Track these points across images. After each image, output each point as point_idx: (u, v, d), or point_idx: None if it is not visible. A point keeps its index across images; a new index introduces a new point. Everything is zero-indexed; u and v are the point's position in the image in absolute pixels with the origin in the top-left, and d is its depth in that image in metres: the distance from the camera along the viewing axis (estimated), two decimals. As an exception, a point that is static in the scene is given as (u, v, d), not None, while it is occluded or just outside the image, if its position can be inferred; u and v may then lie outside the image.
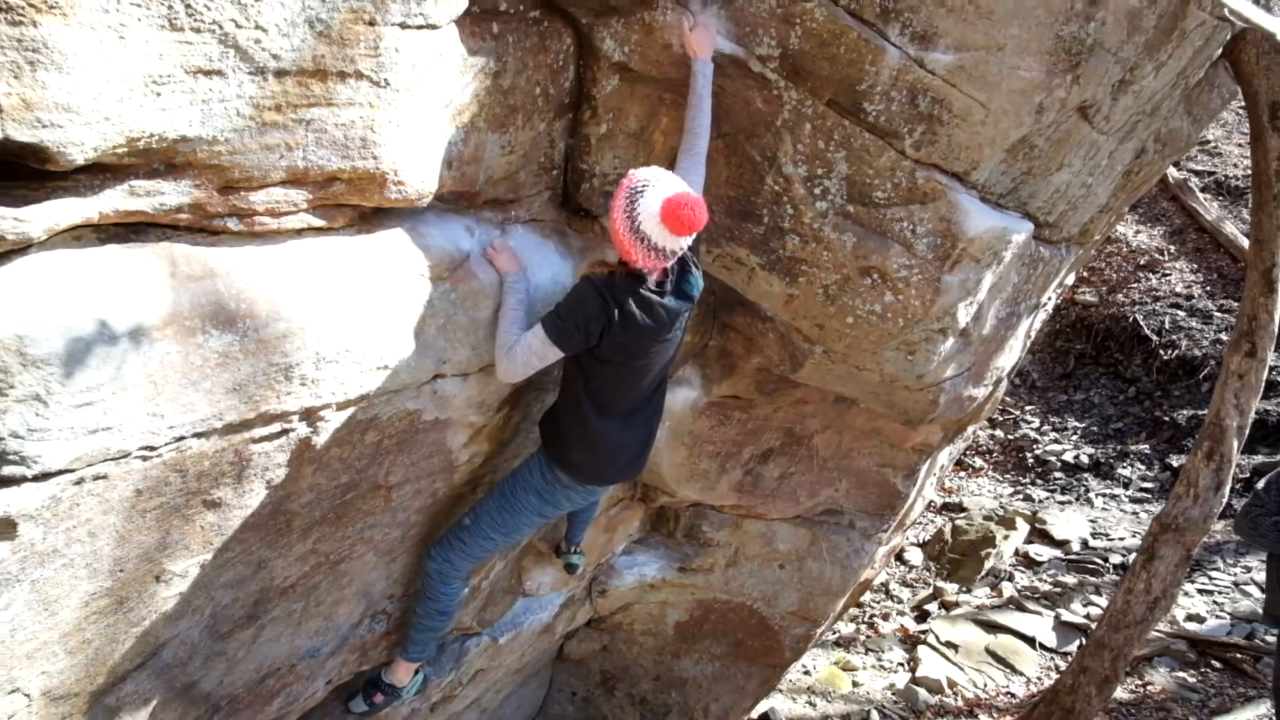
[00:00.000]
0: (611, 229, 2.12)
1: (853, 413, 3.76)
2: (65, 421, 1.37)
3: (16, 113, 1.22)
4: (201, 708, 2.07)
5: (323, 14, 1.54)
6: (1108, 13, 2.67)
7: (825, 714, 4.92)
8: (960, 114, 2.67)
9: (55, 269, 1.38)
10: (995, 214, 2.94)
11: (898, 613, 6.05)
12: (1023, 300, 3.56)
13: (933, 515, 7.08)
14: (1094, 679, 3.69)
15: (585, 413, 2.27)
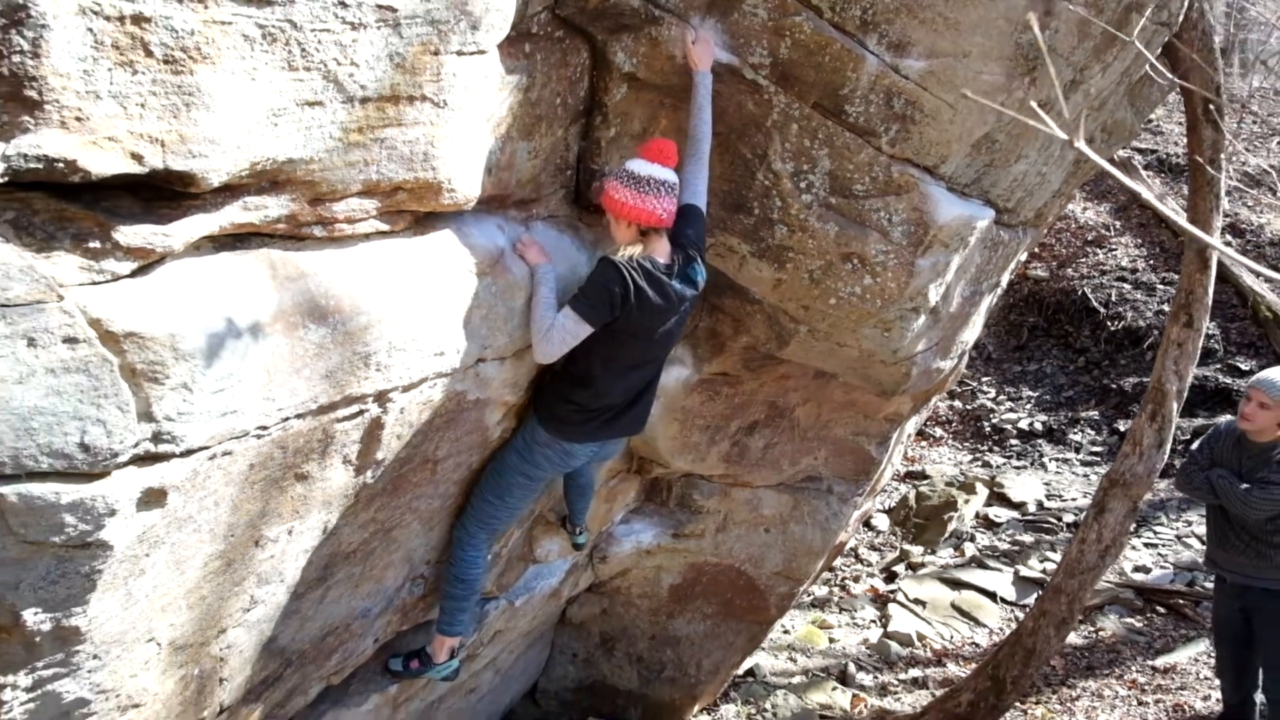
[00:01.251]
0: (615, 207, 2.49)
1: (831, 386, 4.15)
2: (205, 406, 1.65)
3: (174, 145, 1.49)
4: (278, 661, 2.36)
5: (400, 48, 1.83)
6: (1060, 22, 3.07)
7: (805, 668, 5.37)
8: (931, 114, 3.05)
9: (190, 275, 1.66)
10: (961, 203, 3.34)
11: (868, 575, 6.54)
12: (985, 279, 3.99)
13: (897, 483, 7.59)
14: (1052, 621, 4.18)
15: (581, 375, 2.58)
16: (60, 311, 1.43)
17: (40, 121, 1.30)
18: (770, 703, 4.88)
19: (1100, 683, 5.06)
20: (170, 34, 1.40)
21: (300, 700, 2.64)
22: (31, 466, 1.46)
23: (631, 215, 2.47)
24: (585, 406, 2.60)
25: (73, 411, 1.47)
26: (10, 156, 1.29)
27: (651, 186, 2.47)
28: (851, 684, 5.21)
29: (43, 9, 1.22)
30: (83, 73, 1.32)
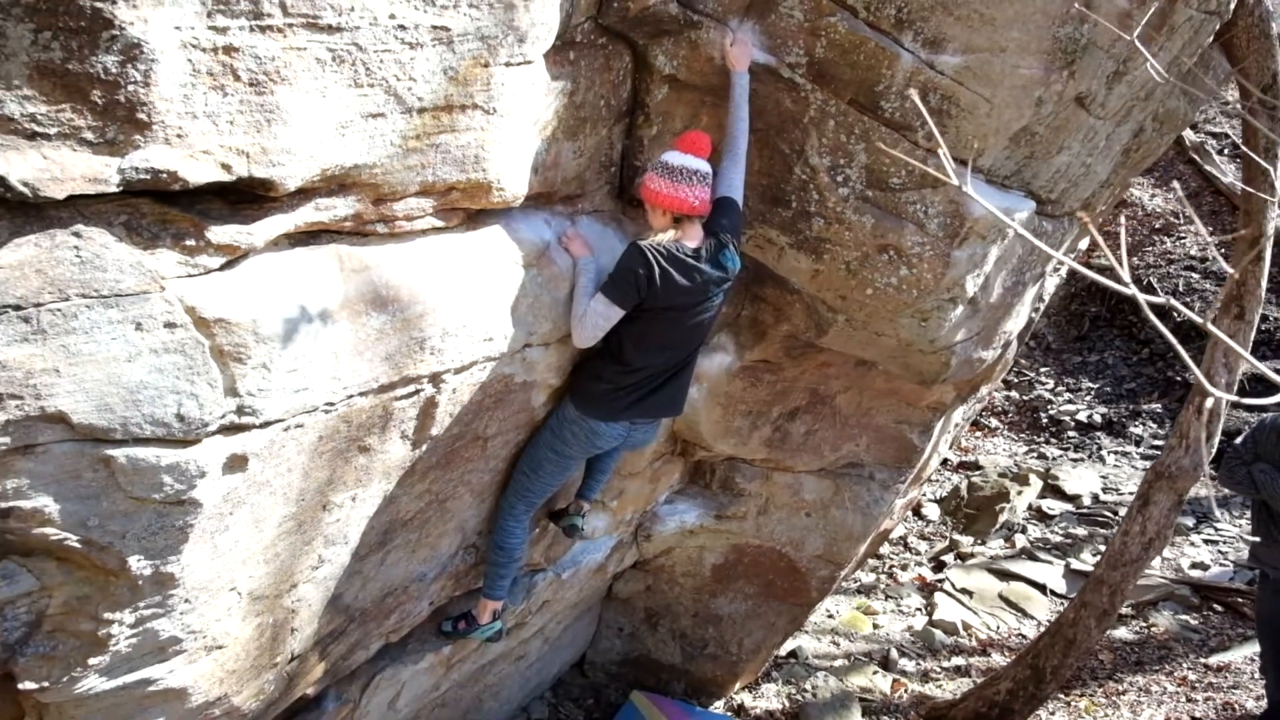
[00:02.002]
0: (651, 196, 2.65)
1: (872, 374, 4.23)
2: (281, 383, 1.88)
3: (257, 157, 1.71)
4: (343, 617, 2.62)
5: (453, 62, 2.02)
6: (1099, 14, 3.08)
7: (848, 652, 5.47)
8: (967, 108, 3.11)
9: (269, 268, 1.88)
10: (999, 195, 3.38)
11: (916, 563, 6.57)
12: (1027, 270, 4.00)
13: (950, 473, 7.57)
14: (1093, 612, 4.20)
15: (613, 352, 2.73)
16: (162, 300, 1.67)
17: (149, 139, 1.53)
18: (810, 683, 5.00)
19: (1149, 678, 5.03)
20: (254, 60, 1.62)
21: (362, 655, 2.90)
22: (137, 433, 1.71)
23: (665, 203, 2.63)
24: (615, 383, 2.75)
25: (171, 386, 1.71)
26: (125, 169, 1.53)
27: (684, 176, 2.62)
28: (893, 669, 5.29)
29: (152, 45, 1.44)
30: (183, 96, 1.54)
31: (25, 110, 1.38)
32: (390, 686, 3.15)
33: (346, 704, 2.98)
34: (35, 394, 1.57)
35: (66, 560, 1.78)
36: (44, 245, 1.51)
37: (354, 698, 3.02)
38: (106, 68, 1.42)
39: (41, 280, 1.52)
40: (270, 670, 2.39)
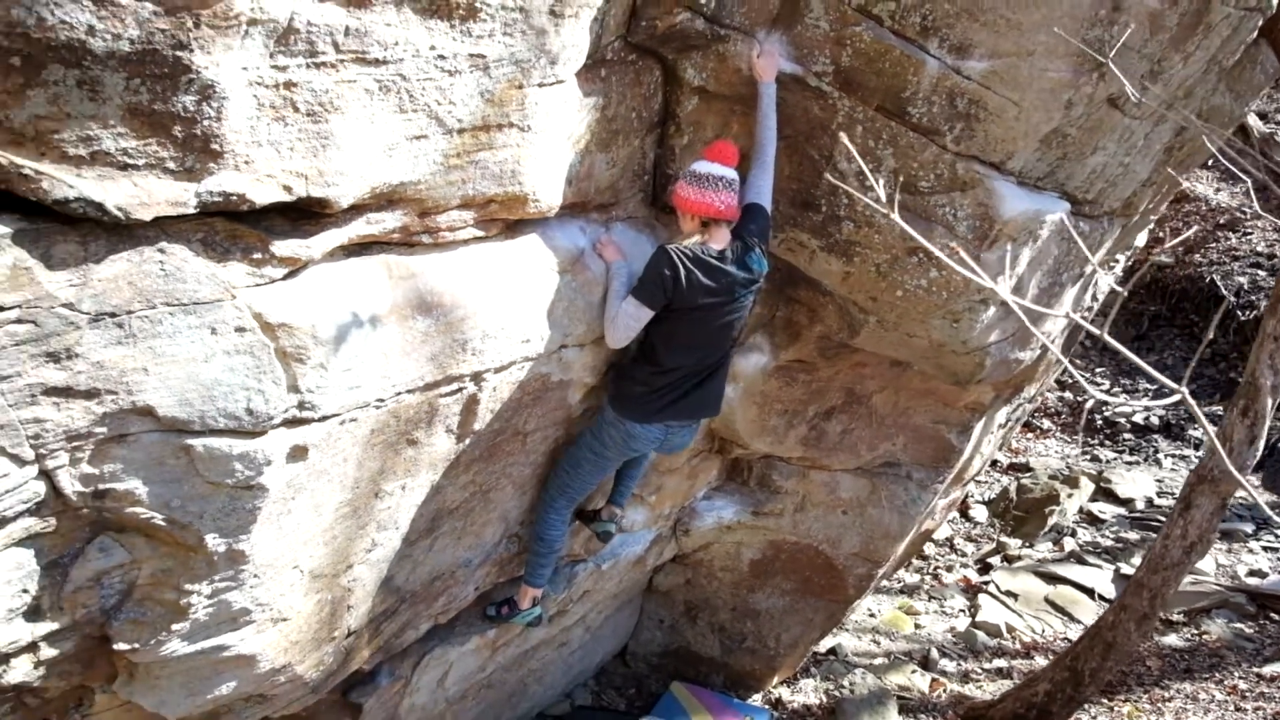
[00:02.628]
0: (680, 203, 2.81)
1: (908, 374, 4.29)
2: (336, 381, 2.10)
3: (315, 178, 1.92)
4: (394, 597, 2.84)
5: (490, 86, 2.20)
6: (1129, 16, 3.10)
7: (888, 650, 5.51)
8: (995, 112, 3.17)
9: (325, 277, 2.10)
10: (1029, 197, 3.42)
11: (961, 565, 6.56)
12: (1065, 270, 4.01)
13: (999, 475, 7.50)
14: (1133, 616, 4.18)
15: (646, 354, 2.89)
16: (233, 307, 1.90)
17: (221, 166, 1.75)
18: (848, 680, 5.07)
19: (1197, 686, 4.95)
20: (311, 93, 1.83)
21: (412, 634, 3.12)
22: (213, 425, 1.94)
23: (693, 208, 2.78)
24: (649, 385, 2.90)
25: (241, 384, 1.94)
26: (201, 193, 1.75)
27: (711, 182, 2.76)
28: (933, 669, 5.32)
29: (224, 85, 1.66)
30: (250, 128, 1.76)
31: (119, 145, 1.61)
32: (439, 666, 3.37)
33: (399, 680, 3.21)
34: (128, 390, 1.81)
35: (153, 536, 2.02)
36: (134, 260, 1.75)
37: (405, 675, 3.24)
38: (185, 106, 1.64)
39: (132, 291, 1.75)
40: (329, 643, 2.62)
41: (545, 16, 2.20)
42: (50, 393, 1.72)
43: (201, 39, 1.57)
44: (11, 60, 1.41)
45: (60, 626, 2.02)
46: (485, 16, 2.06)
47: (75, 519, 1.93)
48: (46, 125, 1.51)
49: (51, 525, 1.90)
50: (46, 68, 1.45)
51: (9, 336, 1.62)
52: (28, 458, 1.76)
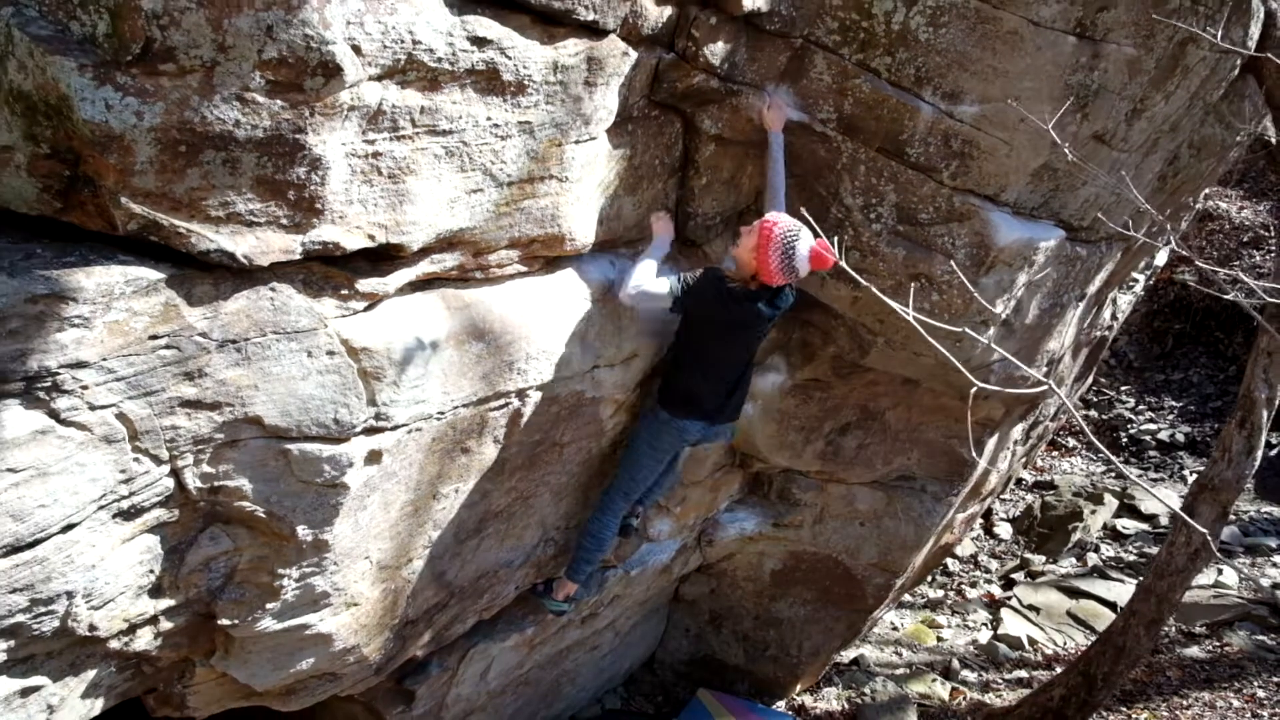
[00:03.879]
0: (754, 257, 3.10)
1: (919, 392, 4.66)
2: (405, 396, 2.55)
3: (392, 229, 2.39)
4: (445, 592, 3.27)
5: (534, 146, 2.66)
6: (1109, 63, 3.51)
7: (910, 661, 5.82)
8: (987, 150, 3.57)
9: (397, 309, 2.56)
10: (1023, 225, 3.81)
11: (985, 581, 6.84)
12: (1065, 292, 4.37)
13: (1024, 492, 7.78)
14: (1142, 620, 4.47)
15: (685, 364, 3.36)
16: (325, 334, 2.36)
17: (321, 221, 2.22)
18: (870, 688, 5.39)
19: (1216, 694, 5.20)
20: (393, 160, 2.30)
21: (460, 628, 3.55)
22: (307, 433, 2.39)
23: (762, 270, 3.12)
24: (688, 391, 3.35)
25: (331, 398, 2.39)
26: (305, 243, 2.22)
27: (790, 270, 3.13)
28: (954, 679, 5.61)
29: (328, 157, 2.13)
30: (344, 189, 2.23)
31: (248, 207, 2.08)
32: (482, 659, 3.79)
33: (447, 671, 3.64)
34: (242, 403, 2.27)
35: (254, 527, 2.48)
36: (252, 298, 2.22)
37: (453, 666, 3.67)
38: (299, 175, 2.11)
39: (249, 322, 2.22)
40: (390, 629, 3.05)
41: (581, 86, 2.66)
42: (185, 405, 2.19)
43: (314, 124, 2.04)
44: (179, 148, 1.89)
45: (176, 603, 2.48)
46: (531, 90, 2.52)
47: (193, 511, 2.39)
48: (198, 194, 1.98)
49: (175, 516, 2.36)
50: (203, 152, 1.93)
51: (159, 359, 2.09)
52: (164, 458, 2.22)
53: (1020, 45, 3.38)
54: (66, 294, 1.87)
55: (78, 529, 2.10)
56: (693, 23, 3.02)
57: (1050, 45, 3.39)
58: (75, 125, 1.80)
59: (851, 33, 3.37)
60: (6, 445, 1.88)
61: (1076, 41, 3.42)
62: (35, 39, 1.74)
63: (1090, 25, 3.40)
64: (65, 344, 1.90)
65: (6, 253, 1.87)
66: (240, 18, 1.81)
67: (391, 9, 2.06)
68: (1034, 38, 3.37)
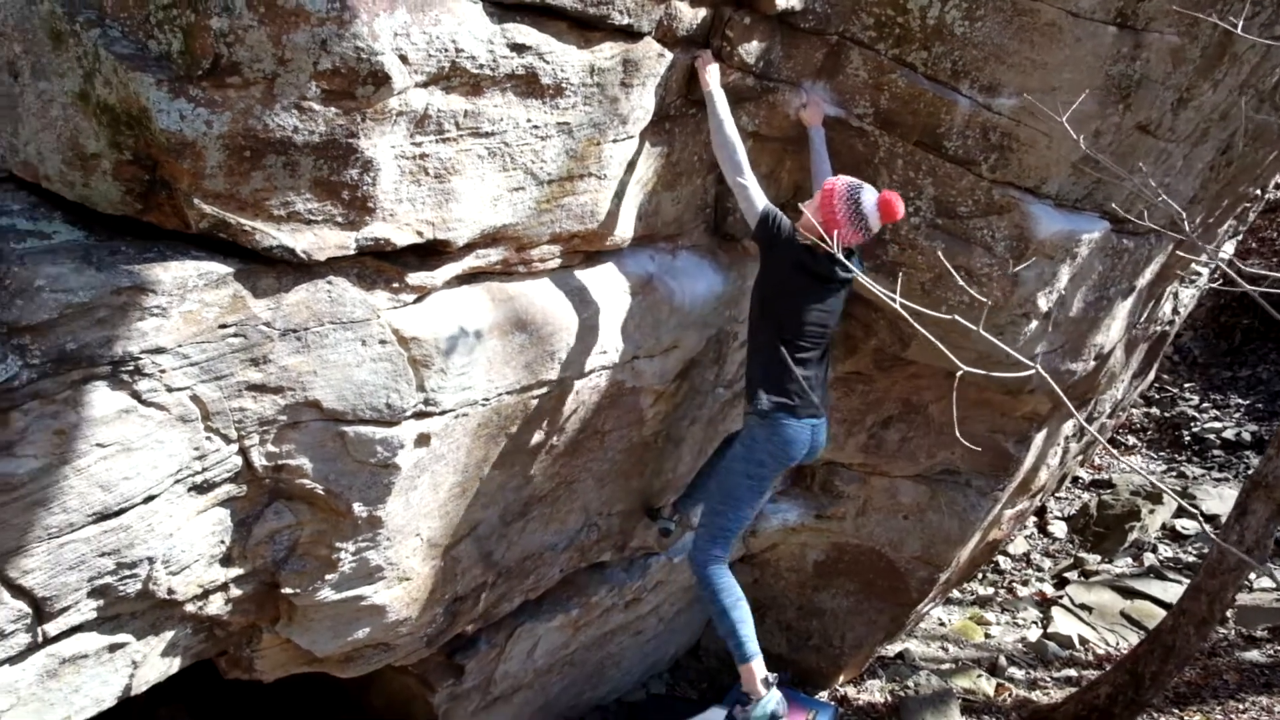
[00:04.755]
0: (820, 215, 3.00)
1: (963, 385, 4.64)
2: (452, 383, 2.70)
3: (439, 225, 2.53)
4: (492, 572, 3.42)
5: (573, 145, 2.78)
6: (1151, 52, 3.45)
7: (956, 657, 5.77)
8: (1027, 143, 3.56)
9: (445, 301, 2.71)
10: (1065, 218, 3.78)
11: (1037, 579, 6.72)
12: (1112, 285, 4.30)
13: (1080, 491, 7.60)
14: (1192, 620, 4.37)
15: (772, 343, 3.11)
16: (378, 325, 2.52)
17: (373, 219, 2.38)
18: (913, 681, 5.38)
19: (1274, 699, 5.03)
20: (438, 161, 2.44)
21: (507, 606, 3.70)
22: (361, 416, 2.56)
23: (829, 219, 3.00)
24: (779, 381, 3.14)
25: (383, 384, 2.56)
26: (359, 239, 2.38)
27: (860, 224, 3.02)
28: (1000, 675, 5.55)
29: (379, 160, 2.28)
30: (394, 189, 2.38)
31: (306, 206, 2.25)
32: (529, 638, 3.94)
33: (495, 648, 3.79)
34: (302, 388, 2.45)
35: (314, 503, 2.66)
36: (310, 290, 2.39)
37: (500, 644, 3.82)
38: (352, 176, 2.27)
39: (309, 312, 2.39)
40: (440, 605, 3.21)
41: (618, 88, 2.77)
42: (251, 389, 2.37)
43: (365, 128, 2.20)
44: (244, 153, 2.06)
45: (244, 572, 2.68)
46: (570, 92, 2.64)
47: (259, 487, 2.58)
48: (261, 195, 2.16)
49: (243, 491, 2.55)
50: (265, 156, 2.10)
51: (228, 346, 2.27)
52: (232, 438, 2.41)
53: (1059, 37, 3.36)
54: (147, 286, 2.06)
55: (157, 500, 2.30)
56: (727, 23, 3.10)
57: (1090, 36, 3.36)
58: (153, 134, 1.99)
59: (887, 28, 3.40)
60: (95, 423, 2.08)
61: (1117, 31, 3.38)
62: (119, 57, 1.93)
63: (1131, 15, 3.36)
64: (146, 331, 2.09)
65: (95, 250, 2.08)
66: (297, 33, 1.97)
67: (436, 20, 2.20)
68: (1073, 29, 3.35)
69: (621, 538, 4.04)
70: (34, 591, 2.16)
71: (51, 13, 1.96)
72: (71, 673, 2.40)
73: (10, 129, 2.11)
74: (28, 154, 2.11)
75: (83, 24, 1.94)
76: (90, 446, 2.08)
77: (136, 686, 2.63)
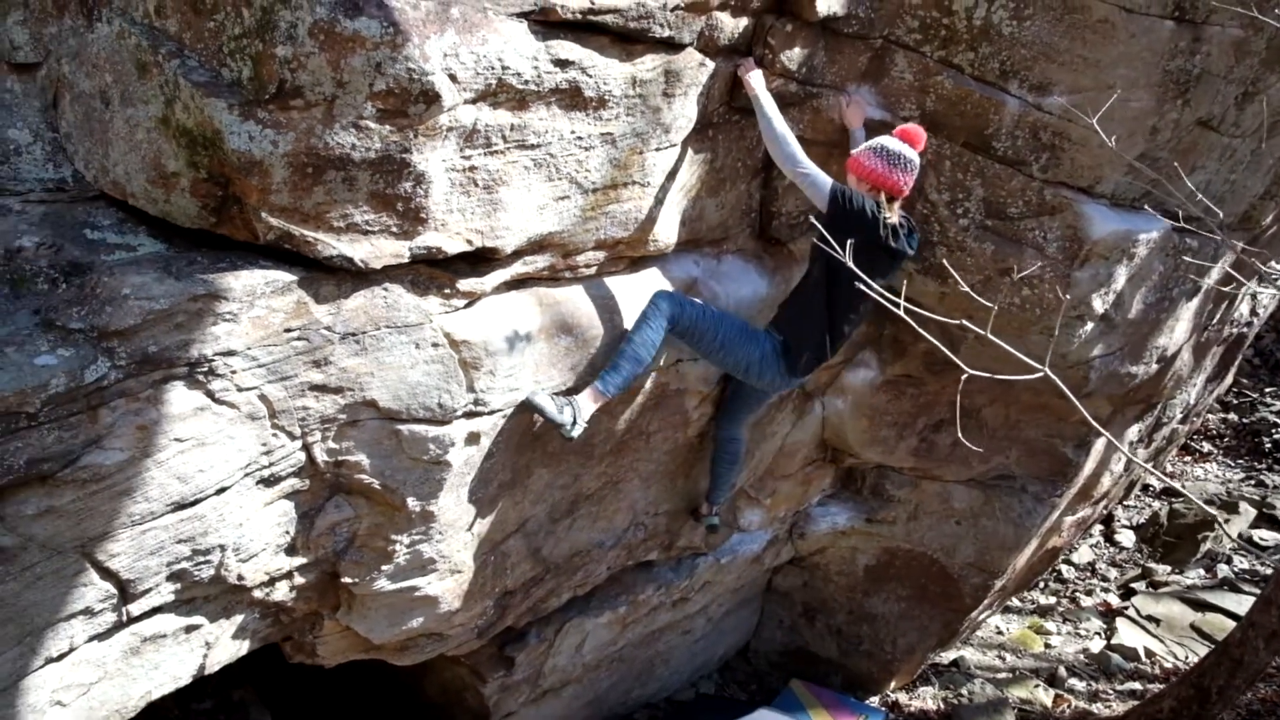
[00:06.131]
0: (865, 173, 3.10)
1: (1017, 389, 4.59)
2: (501, 384, 2.84)
3: (488, 234, 2.68)
4: (541, 567, 3.56)
5: (617, 154, 2.90)
6: (1211, 46, 3.39)
7: (1014, 667, 5.69)
8: (1079, 141, 3.53)
9: (494, 305, 2.85)
10: (1121, 217, 3.73)
11: (1102, 589, 6.56)
12: (1175, 286, 4.21)
13: (1150, 499, 7.38)
14: (1262, 633, 4.24)
15: (822, 309, 3.20)
16: (430, 329, 2.68)
17: (425, 229, 2.53)
18: (967, 689, 5.32)
19: (1356, 718, 4.83)
20: (487, 173, 2.58)
21: (555, 602, 3.83)
22: (415, 415, 2.72)
23: (878, 181, 3.07)
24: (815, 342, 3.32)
25: (435, 385, 2.71)
26: (412, 248, 2.53)
27: (899, 161, 3.10)
28: (1059, 686, 5.45)
29: (431, 173, 2.43)
30: (445, 200, 2.53)
31: (363, 218, 2.41)
32: (577, 633, 4.07)
33: (544, 642, 3.93)
34: (360, 388, 2.62)
35: (371, 498, 2.83)
36: (368, 296, 2.56)
37: (549, 638, 3.96)
38: (406, 189, 2.43)
39: (366, 317, 2.56)
40: (490, 597, 3.36)
41: (660, 98, 2.87)
42: (314, 389, 2.55)
43: (418, 144, 2.35)
44: (307, 170, 2.24)
45: (307, 561, 2.87)
46: (612, 103, 2.76)
47: (321, 481, 2.76)
48: (322, 208, 2.33)
49: (306, 485, 2.74)
50: (326, 172, 2.27)
51: (293, 349, 2.45)
52: (296, 434, 2.60)
53: (1112, 34, 3.33)
54: (220, 294, 2.25)
55: (229, 492, 2.50)
56: (769, 31, 3.17)
57: (1145, 31, 3.32)
58: (225, 154, 2.17)
59: (932, 30, 3.42)
60: (174, 419, 2.28)
61: (1174, 26, 3.33)
62: (196, 84, 2.12)
63: (1189, 8, 3.31)
64: (218, 335, 2.28)
65: (174, 260, 2.28)
66: (354, 58, 2.13)
67: (483, 40, 2.34)
68: (1127, 24, 3.31)
69: (668, 537, 4.14)
70: (120, 574, 2.38)
71: (138, 45, 2.16)
72: (152, 650, 2.62)
73: (102, 152, 2.33)
74: (116, 174, 2.33)
75: (164, 55, 2.14)
76: (169, 441, 2.28)
77: (210, 666, 2.84)
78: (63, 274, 2.19)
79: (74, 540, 2.22)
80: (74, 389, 2.05)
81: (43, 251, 2.21)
